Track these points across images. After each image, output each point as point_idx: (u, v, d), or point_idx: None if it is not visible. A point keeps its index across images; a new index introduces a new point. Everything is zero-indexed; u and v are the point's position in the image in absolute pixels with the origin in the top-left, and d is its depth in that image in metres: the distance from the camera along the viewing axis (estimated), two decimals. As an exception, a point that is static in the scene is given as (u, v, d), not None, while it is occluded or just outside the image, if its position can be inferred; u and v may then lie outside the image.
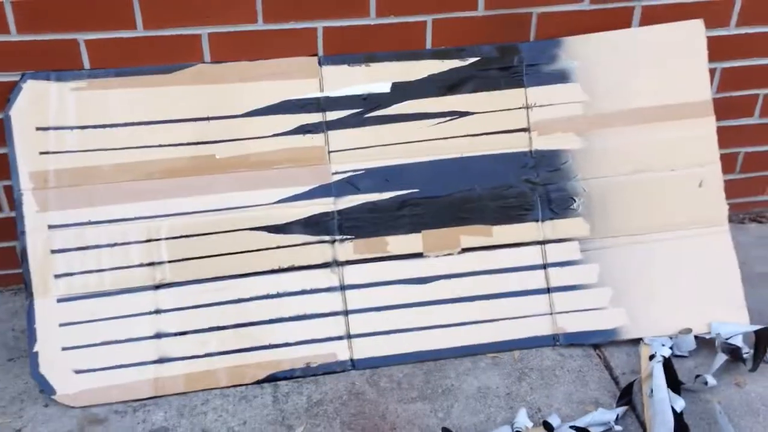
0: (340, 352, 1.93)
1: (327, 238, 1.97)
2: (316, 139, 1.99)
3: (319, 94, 2.00)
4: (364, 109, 2.02)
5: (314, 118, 2.00)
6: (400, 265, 1.99)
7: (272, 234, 1.95)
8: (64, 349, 1.84)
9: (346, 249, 1.98)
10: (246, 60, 1.99)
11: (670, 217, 2.07)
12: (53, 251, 1.87)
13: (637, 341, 2.00)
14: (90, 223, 1.89)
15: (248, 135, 1.97)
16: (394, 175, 2.01)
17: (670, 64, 2.10)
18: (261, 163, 1.97)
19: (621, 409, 1.78)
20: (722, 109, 2.24)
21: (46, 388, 1.82)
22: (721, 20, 2.23)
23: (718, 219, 2.09)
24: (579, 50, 2.09)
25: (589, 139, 2.07)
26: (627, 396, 1.82)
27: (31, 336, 1.83)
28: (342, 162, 2.00)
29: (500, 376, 1.91)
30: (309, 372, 1.91)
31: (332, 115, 2.00)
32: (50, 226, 1.87)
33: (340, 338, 1.94)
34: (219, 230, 1.93)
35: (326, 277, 1.96)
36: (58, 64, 1.92)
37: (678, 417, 1.71)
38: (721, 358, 1.91)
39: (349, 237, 1.98)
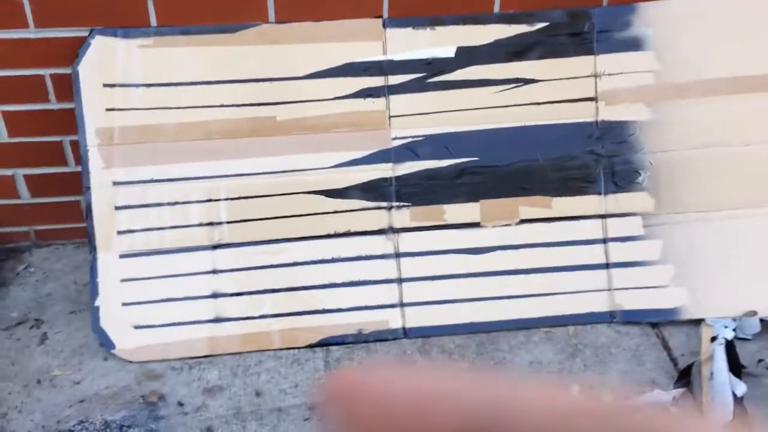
0: (393, 319, 1.94)
1: (384, 204, 1.97)
2: (377, 104, 1.97)
3: (382, 58, 1.98)
4: (427, 74, 1.98)
5: (376, 81, 1.97)
6: (457, 235, 1.97)
7: (329, 198, 1.95)
8: (124, 304, 1.89)
9: (403, 216, 1.97)
10: (310, 21, 1.97)
11: (740, 195, 1.99)
12: (117, 208, 1.91)
13: (697, 322, 1.95)
14: (153, 181, 1.92)
15: (309, 97, 1.96)
16: (455, 142, 1.98)
17: (751, 33, 1.99)
18: (321, 126, 1.96)
19: (678, 391, 1.75)
20: (804, 82, 2.13)
21: (105, 342, 1.87)
22: (810, -12, 2.11)
23: (792, 198, 2.00)
24: (654, 17, 2.00)
25: (658, 111, 2.00)
26: (685, 378, 1.79)
27: (93, 290, 1.88)
28: (402, 127, 1.98)
29: (553, 351, 1.89)
30: (361, 338, 1.92)
31: (394, 80, 1.98)
32: (114, 183, 1.91)
33: (393, 306, 1.94)
34: (277, 193, 1.94)
35: (381, 244, 1.96)
36: (126, 21, 1.93)
37: (738, 401, 1.67)
38: (786, 343, 1.85)
39: (406, 204, 1.97)
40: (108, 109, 1.91)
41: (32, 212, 2.21)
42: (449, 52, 1.98)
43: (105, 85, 1.91)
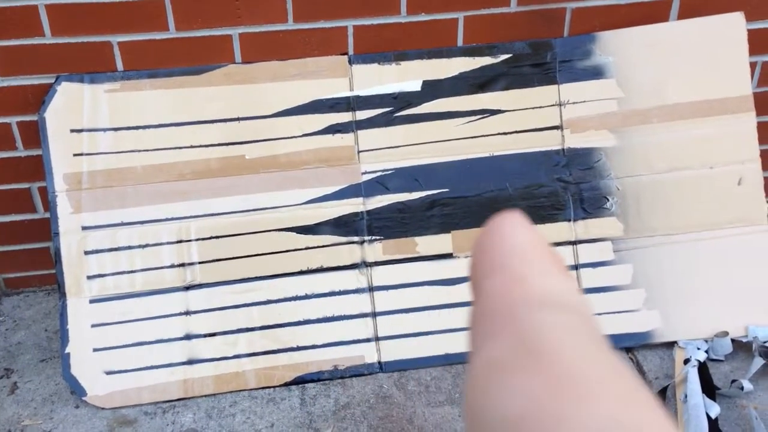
0: (368, 354, 1.93)
1: (356, 238, 1.97)
2: (345, 139, 1.99)
3: (349, 93, 1.99)
4: (395, 108, 2.00)
5: (344, 117, 1.99)
6: (430, 266, 1.98)
7: (301, 235, 1.95)
8: (95, 350, 1.87)
9: (375, 250, 1.97)
10: (276, 60, 1.99)
11: (707, 217, 2.02)
12: (86, 252, 1.89)
13: (671, 344, 1.96)
14: (122, 224, 1.91)
15: (278, 135, 1.97)
16: (424, 174, 2.00)
17: (709, 58, 2.04)
18: (291, 164, 1.97)
19: (653, 415, 1.75)
20: (763, 104, 2.17)
21: (77, 390, 1.85)
22: (762, 13, 2.16)
23: (757, 218, 2.03)
24: (614, 45, 2.04)
25: (623, 137, 2.03)
26: (660, 401, 1.79)
27: (63, 337, 1.86)
28: (371, 162, 1.99)
29: (530, 379, 1.88)
30: (336, 374, 1.91)
31: (362, 115, 1.99)
32: (83, 228, 1.90)
33: (368, 340, 1.94)
34: (248, 231, 1.94)
35: (355, 278, 1.96)
36: (92, 66, 1.94)
37: (713, 423, 1.67)
38: (759, 362, 1.86)
39: (378, 237, 1.97)
40: (76, 155, 1.91)
41: (1, 260, 2.19)
42: (415, 86, 2.01)
43: (72, 131, 1.91)
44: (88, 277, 1.89)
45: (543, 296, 0.44)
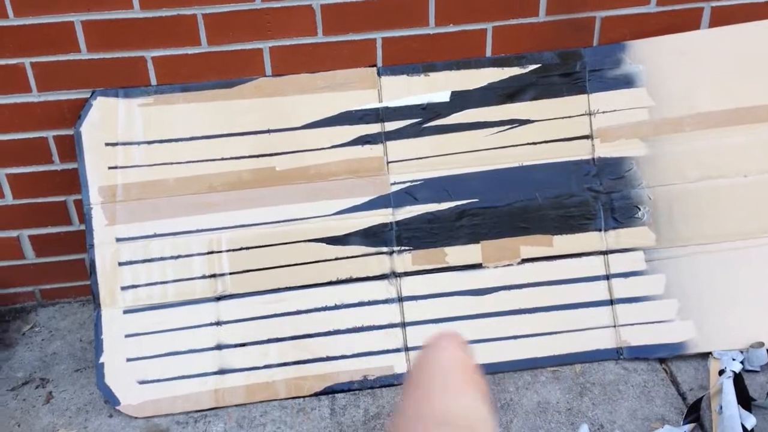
0: (398, 364, 1.93)
1: (385, 249, 1.97)
2: (375, 150, 2.00)
3: (378, 105, 2.01)
4: (423, 119, 2.01)
5: (373, 128, 2.00)
6: (459, 277, 1.97)
7: (331, 245, 1.96)
8: (128, 360, 1.89)
9: (405, 260, 1.97)
10: (306, 72, 2.01)
11: (741, 225, 1.99)
12: (120, 263, 1.92)
13: (705, 355, 1.93)
14: (155, 235, 1.94)
15: (308, 147, 1.99)
16: (453, 185, 2.00)
17: (740, 66, 2.02)
18: (320, 175, 1.98)
19: (688, 427, 1.73)
20: (798, 111, 2.14)
21: (110, 399, 1.87)
22: (796, 19, 2.14)
23: (793, 227, 2.00)
24: (645, 54, 2.03)
25: (654, 146, 2.01)
26: (695, 413, 1.76)
27: (97, 347, 1.89)
28: (401, 172, 2.00)
29: (561, 390, 1.87)
30: (366, 384, 1.91)
31: (391, 126, 2.00)
32: (118, 239, 1.93)
33: (397, 350, 1.94)
34: (279, 242, 1.96)
35: (384, 289, 1.96)
36: (127, 81, 1.97)
37: (749, 435, 1.65)
38: (796, 373, 1.83)
39: (407, 248, 1.98)
40: (110, 168, 1.94)
41: (37, 272, 2.23)
42: (444, 96, 2.01)
43: (107, 144, 1.94)
44: (122, 288, 1.92)
45: (441, 415, 0.62)
